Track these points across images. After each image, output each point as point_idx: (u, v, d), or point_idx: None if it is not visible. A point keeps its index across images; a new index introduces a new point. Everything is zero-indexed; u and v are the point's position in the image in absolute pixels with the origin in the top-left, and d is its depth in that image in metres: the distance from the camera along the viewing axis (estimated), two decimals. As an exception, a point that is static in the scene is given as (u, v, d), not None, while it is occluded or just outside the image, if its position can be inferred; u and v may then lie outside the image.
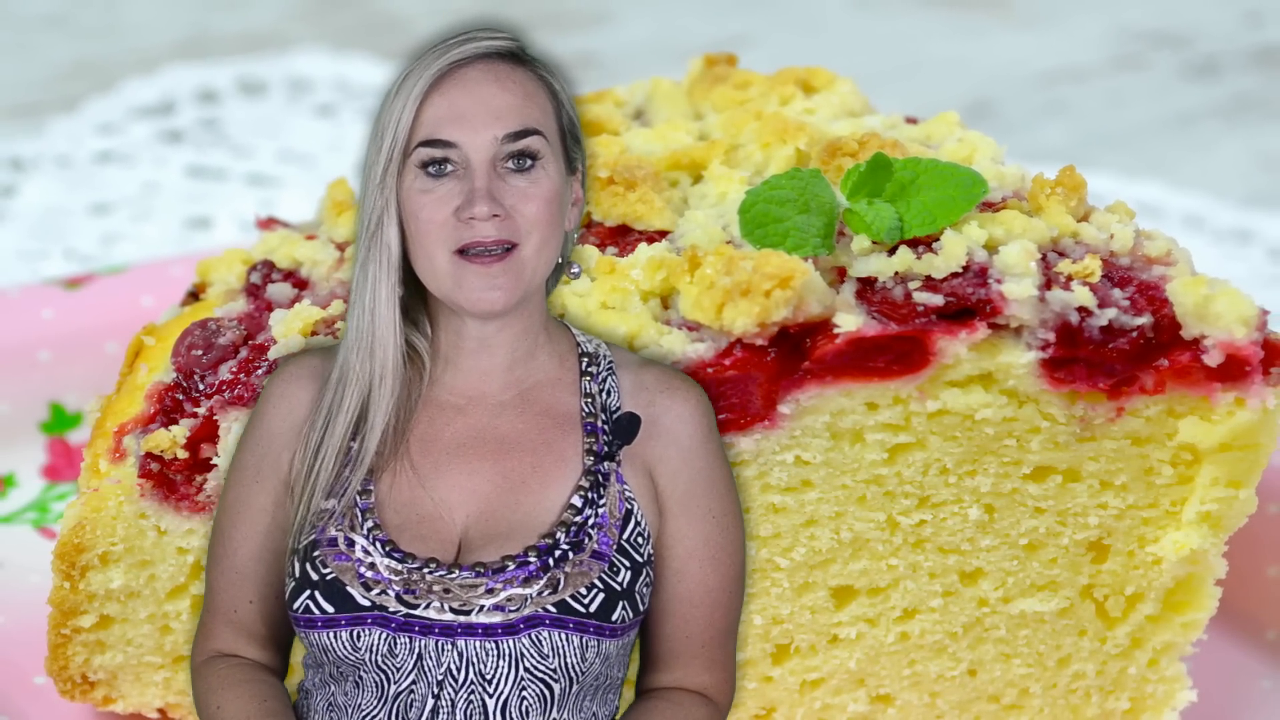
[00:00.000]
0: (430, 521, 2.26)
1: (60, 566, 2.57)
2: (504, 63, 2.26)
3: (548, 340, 2.32)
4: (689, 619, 2.31)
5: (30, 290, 3.22)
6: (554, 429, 2.29)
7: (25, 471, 3.09)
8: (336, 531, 2.25)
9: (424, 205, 2.23)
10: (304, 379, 2.33)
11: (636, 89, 2.89)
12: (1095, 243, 2.46)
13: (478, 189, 2.21)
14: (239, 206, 3.94)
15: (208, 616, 2.35)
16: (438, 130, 2.23)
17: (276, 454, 2.32)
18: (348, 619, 2.22)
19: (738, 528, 2.33)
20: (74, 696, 2.66)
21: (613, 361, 2.33)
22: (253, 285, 2.60)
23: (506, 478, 2.28)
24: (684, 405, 2.31)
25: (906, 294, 2.39)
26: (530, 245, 2.22)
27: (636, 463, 2.29)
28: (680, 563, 2.30)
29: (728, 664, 2.35)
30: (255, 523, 2.32)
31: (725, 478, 2.33)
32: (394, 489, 2.28)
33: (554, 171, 2.25)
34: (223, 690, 2.30)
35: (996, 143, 2.62)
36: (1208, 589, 2.58)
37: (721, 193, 2.56)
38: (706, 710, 2.32)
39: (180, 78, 4.34)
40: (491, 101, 2.24)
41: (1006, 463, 2.50)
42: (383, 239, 2.25)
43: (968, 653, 2.62)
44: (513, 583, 2.22)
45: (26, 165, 4.03)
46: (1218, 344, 2.40)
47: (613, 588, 2.24)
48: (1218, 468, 2.49)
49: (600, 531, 2.25)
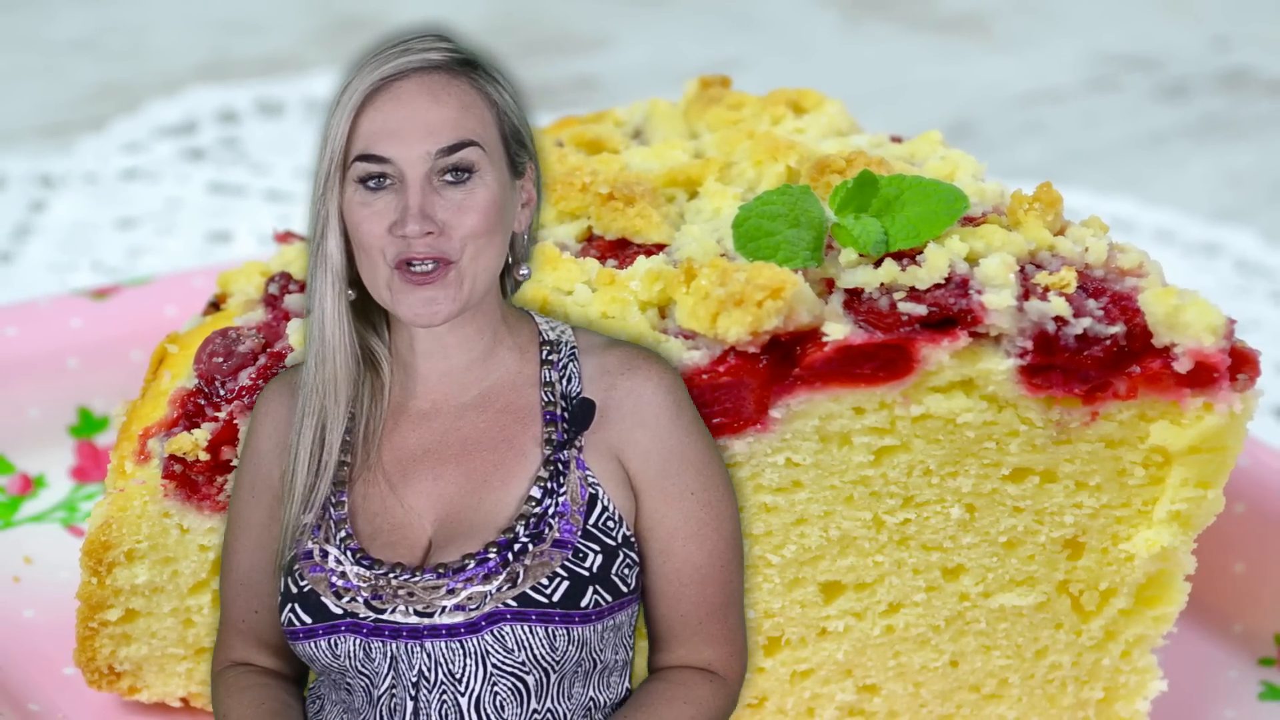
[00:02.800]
0: (400, 529, 2.21)
1: (88, 563, 2.57)
2: (439, 74, 2.18)
3: (507, 334, 2.25)
4: (680, 598, 2.24)
5: (60, 301, 3.22)
6: (514, 424, 2.23)
7: (55, 473, 3.09)
8: (313, 544, 2.22)
9: (363, 219, 2.16)
10: (284, 394, 2.30)
11: (635, 109, 2.89)
12: (1071, 256, 2.46)
13: (410, 207, 2.14)
14: (257, 221, 3.94)
15: (222, 627, 2.34)
16: (372, 145, 2.15)
17: (267, 469, 2.29)
18: (324, 628, 2.18)
19: (724, 501, 2.26)
20: (101, 686, 2.66)
21: (576, 347, 2.26)
22: (270, 296, 2.60)
23: (469, 478, 2.22)
24: (646, 384, 2.24)
25: (891, 304, 2.39)
26: (467, 257, 2.16)
27: (601, 447, 2.22)
28: (663, 543, 2.23)
29: (731, 637, 2.28)
30: (253, 536, 2.30)
31: (701, 452, 2.25)
32: (366, 499, 2.23)
33: (493, 180, 2.17)
34: (230, 697, 2.29)
35: (977, 161, 2.62)
36: (1178, 584, 2.58)
37: (716, 208, 2.56)
38: (711, 686, 2.26)
39: (202, 99, 4.34)
40: (425, 116, 2.15)
41: (986, 464, 2.50)
42: (325, 248, 2.19)
43: (950, 645, 2.61)
44: (473, 580, 2.16)
45: (56, 182, 4.03)
46: (1187, 352, 2.40)
47: (579, 574, 2.16)
48: (1187, 469, 2.49)
49: (562, 520, 2.18)
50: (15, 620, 2.79)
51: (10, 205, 3.93)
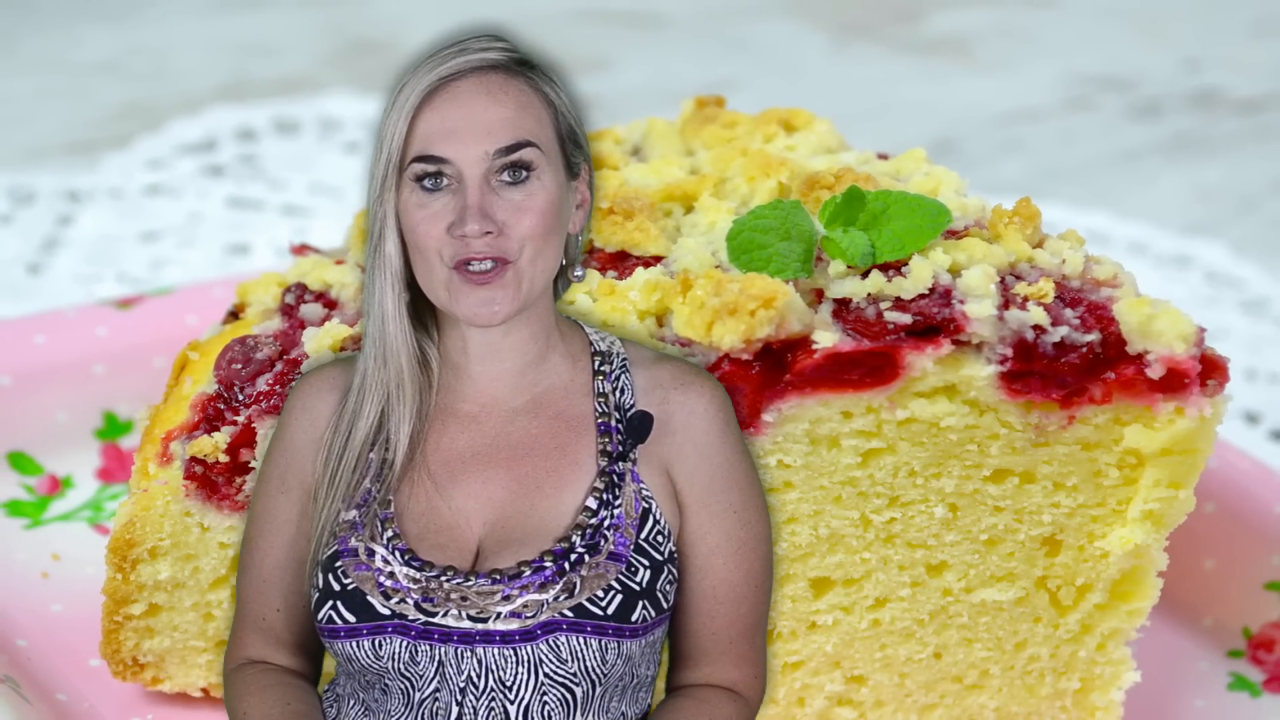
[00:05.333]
0: (448, 530, 2.11)
1: (113, 560, 2.56)
2: (497, 74, 2.09)
3: (560, 341, 2.17)
4: (714, 615, 2.15)
5: (86, 310, 3.22)
6: (567, 432, 2.13)
7: (81, 474, 3.09)
8: (357, 542, 2.10)
9: (420, 220, 2.06)
10: (324, 391, 2.20)
11: (634, 128, 2.89)
12: (1049, 267, 2.46)
13: (469, 206, 2.04)
14: (275, 234, 3.94)
15: (238, 624, 2.23)
16: (430, 146, 2.05)
17: (300, 465, 2.19)
18: (369, 628, 2.07)
19: (761, 521, 2.17)
20: (125, 677, 2.65)
21: (626, 359, 2.18)
22: (287, 305, 2.60)
23: (521, 483, 2.12)
24: (698, 400, 2.15)
25: (878, 313, 2.39)
26: (525, 258, 2.06)
27: (653, 461, 2.13)
28: (703, 559, 2.14)
29: (756, 659, 2.19)
30: (280, 532, 2.19)
31: (746, 471, 2.17)
32: (412, 499, 2.12)
33: (550, 181, 2.09)
34: (249, 696, 2.18)
35: (959, 177, 2.62)
36: (1150, 580, 2.57)
37: (711, 222, 2.56)
38: (735, 706, 2.16)
39: (222, 118, 4.34)
40: (483, 116, 2.06)
41: (968, 466, 2.50)
42: (384, 250, 2.09)
43: (934, 637, 2.61)
44: (529, 589, 2.05)
45: (83, 197, 4.03)
46: (1160, 359, 2.40)
47: (631, 588, 2.07)
48: (1159, 470, 2.48)
49: (616, 532, 2.09)
50: (44, 614, 2.79)
51: (39, 219, 3.93)
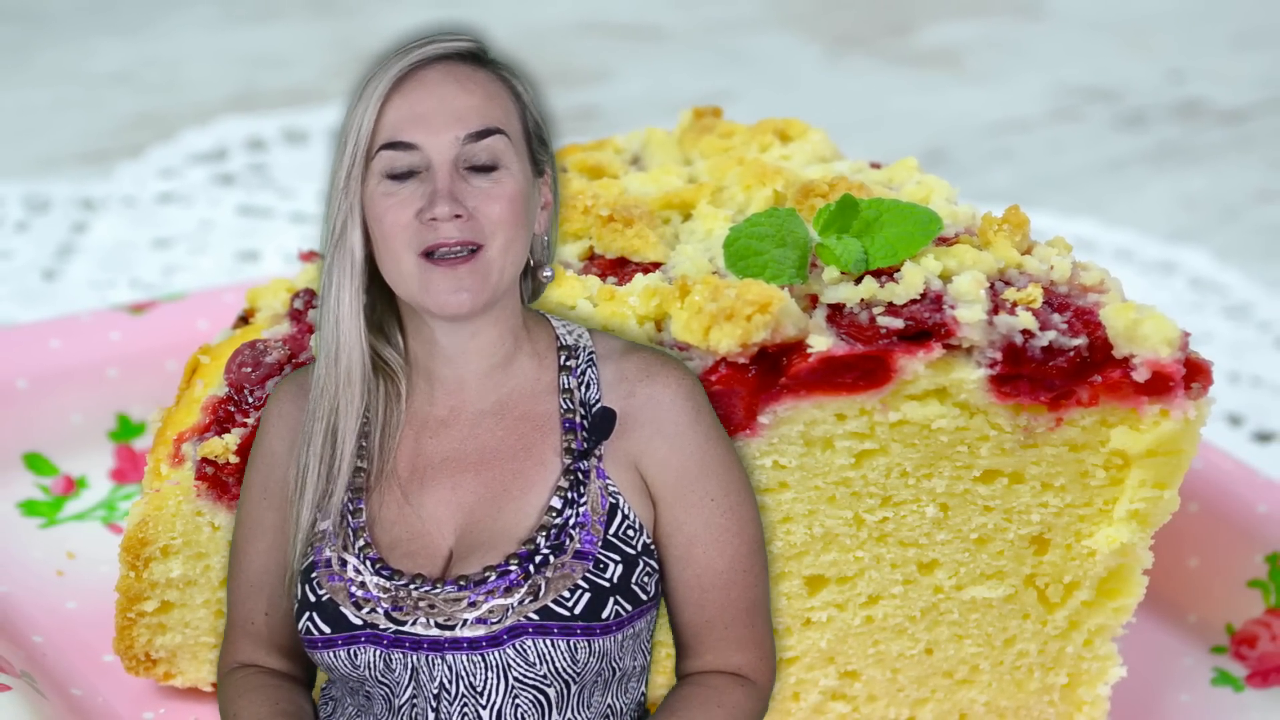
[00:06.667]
0: (420, 538, 2.06)
1: (126, 558, 2.57)
2: (465, 64, 2.04)
3: (526, 340, 2.11)
4: (704, 604, 2.11)
5: (100, 315, 3.22)
6: (534, 432, 2.08)
7: (95, 474, 3.09)
8: (331, 552, 2.07)
9: (388, 209, 2.00)
10: (294, 396, 2.16)
11: (633, 138, 2.89)
12: (1037, 273, 2.46)
13: (439, 190, 1.98)
14: (283, 241, 3.94)
15: (228, 629, 2.22)
16: (399, 132, 2.00)
17: (280, 471, 2.15)
18: (343, 639, 2.04)
19: (744, 506, 2.12)
20: (138, 672, 2.65)
21: (594, 352, 2.13)
22: (296, 310, 2.60)
23: (489, 488, 2.06)
24: (664, 391, 2.10)
25: (871, 318, 2.39)
26: (495, 246, 2.01)
27: (620, 456, 2.08)
28: (683, 550, 2.09)
29: (759, 641, 2.14)
30: (264, 539, 2.16)
31: (720, 457, 2.12)
32: (384, 508, 2.08)
33: (518, 171, 2.03)
34: (239, 698, 2.16)
35: (950, 185, 2.62)
36: (1136, 578, 2.58)
37: (708, 229, 2.57)
38: (743, 690, 2.13)
39: (232, 128, 4.35)
40: (452, 102, 2.01)
41: (959, 466, 2.50)
42: (347, 244, 2.03)
43: (925, 634, 2.61)
44: (494, 594, 2.01)
45: (97, 205, 4.03)
46: (1145, 362, 2.40)
47: (600, 585, 2.03)
48: (1145, 471, 2.49)
49: (583, 530, 2.03)
50: (59, 611, 2.79)
51: (54, 227, 3.94)
